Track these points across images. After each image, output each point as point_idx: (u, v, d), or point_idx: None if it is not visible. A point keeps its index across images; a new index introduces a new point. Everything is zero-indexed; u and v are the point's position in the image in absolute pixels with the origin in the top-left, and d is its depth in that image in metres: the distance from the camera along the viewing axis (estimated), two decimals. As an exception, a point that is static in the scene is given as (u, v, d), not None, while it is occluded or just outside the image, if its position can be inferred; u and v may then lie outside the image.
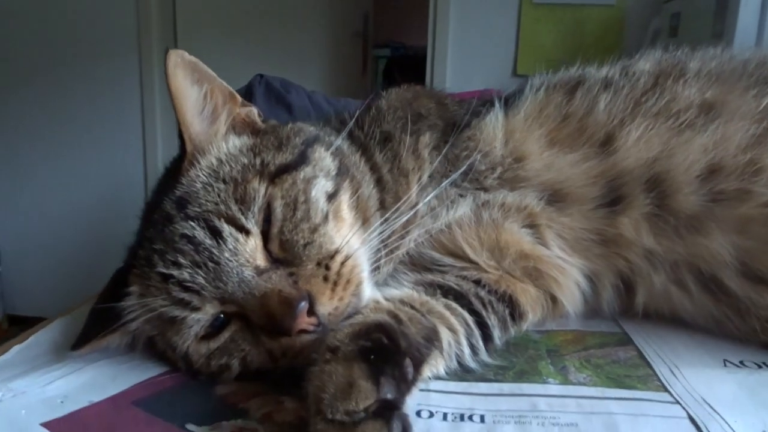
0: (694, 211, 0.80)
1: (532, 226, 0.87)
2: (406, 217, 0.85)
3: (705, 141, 0.82)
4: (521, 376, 0.75)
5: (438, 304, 0.79)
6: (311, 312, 0.69)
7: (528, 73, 1.01)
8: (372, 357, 0.57)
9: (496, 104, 0.95)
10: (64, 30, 3.73)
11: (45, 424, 0.66)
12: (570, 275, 0.87)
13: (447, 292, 0.82)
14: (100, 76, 3.73)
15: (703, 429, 0.62)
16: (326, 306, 0.70)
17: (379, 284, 0.82)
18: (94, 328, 0.78)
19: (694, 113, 0.84)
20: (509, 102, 0.96)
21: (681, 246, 0.82)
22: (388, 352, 0.60)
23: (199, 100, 0.81)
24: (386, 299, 0.75)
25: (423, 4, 3.36)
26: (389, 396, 0.55)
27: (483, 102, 1.01)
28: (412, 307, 0.75)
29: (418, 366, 0.67)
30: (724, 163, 0.80)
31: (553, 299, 0.88)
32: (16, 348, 0.85)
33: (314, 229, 0.74)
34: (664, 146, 0.83)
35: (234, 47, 3.66)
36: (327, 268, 0.72)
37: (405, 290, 0.81)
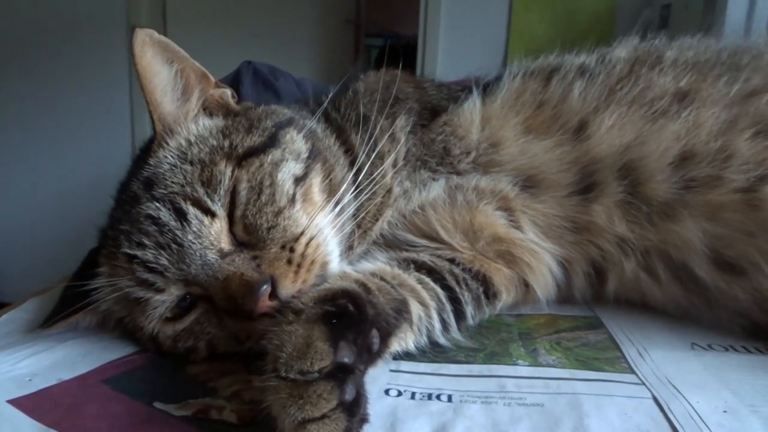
0: (666, 198, 0.81)
1: (506, 209, 0.87)
2: (380, 198, 0.85)
3: (678, 128, 0.82)
4: (491, 358, 0.75)
5: (410, 277, 0.79)
6: (274, 295, 0.69)
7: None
8: (334, 321, 0.57)
9: (474, 91, 0.95)
10: (53, 17, 3.70)
11: (12, 401, 0.66)
12: (543, 260, 0.87)
13: (420, 267, 0.82)
14: (89, 63, 3.70)
15: (666, 409, 0.62)
16: (289, 289, 0.70)
17: (352, 264, 0.81)
18: (63, 308, 0.78)
19: (668, 101, 0.85)
20: (487, 89, 0.96)
21: (653, 233, 0.82)
22: (351, 318, 0.60)
23: (170, 80, 0.80)
24: (356, 271, 0.75)
25: (416, -7, 3.35)
26: (346, 360, 0.55)
27: (462, 87, 1.01)
28: (383, 279, 0.74)
29: (385, 338, 0.67)
30: (696, 150, 0.80)
31: (526, 284, 0.88)
32: (-13, 327, 0.85)
33: (278, 213, 0.74)
34: (637, 134, 0.83)
35: (225, 34, 3.64)
36: (291, 250, 0.72)
37: (378, 264, 0.80)
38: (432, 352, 0.77)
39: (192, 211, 0.72)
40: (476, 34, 3.22)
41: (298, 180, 0.78)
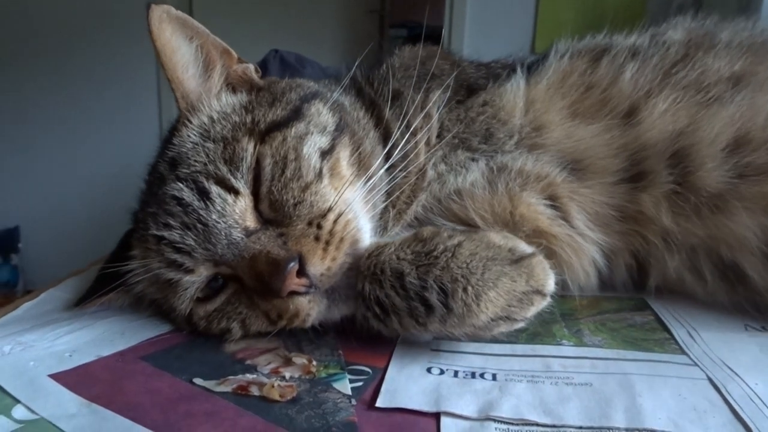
0: (717, 189, 0.76)
1: (552, 198, 0.83)
2: (413, 178, 0.83)
3: (731, 111, 0.77)
4: (534, 338, 0.73)
5: None
6: (302, 273, 0.67)
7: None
8: None
9: (518, 71, 0.91)
10: (80, 8, 3.75)
11: (53, 376, 0.66)
12: (585, 255, 0.83)
13: None
14: (115, 52, 3.75)
15: (723, 390, 0.60)
16: (317, 266, 0.68)
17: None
18: (97, 288, 0.78)
19: (723, 87, 0.80)
20: (532, 69, 0.92)
21: (701, 228, 0.77)
22: None
23: (190, 56, 0.79)
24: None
25: (441, -19, 3.32)
26: None
27: (504, 65, 0.97)
28: None
29: None
30: (752, 136, 0.76)
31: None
32: (26, 305, 0.86)
33: (305, 188, 0.72)
34: (690, 120, 0.79)
35: (250, 24, 3.66)
36: (319, 227, 0.70)
37: None
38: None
39: (215, 190, 0.71)
40: (503, 22, 3.18)
41: (325, 153, 0.76)
